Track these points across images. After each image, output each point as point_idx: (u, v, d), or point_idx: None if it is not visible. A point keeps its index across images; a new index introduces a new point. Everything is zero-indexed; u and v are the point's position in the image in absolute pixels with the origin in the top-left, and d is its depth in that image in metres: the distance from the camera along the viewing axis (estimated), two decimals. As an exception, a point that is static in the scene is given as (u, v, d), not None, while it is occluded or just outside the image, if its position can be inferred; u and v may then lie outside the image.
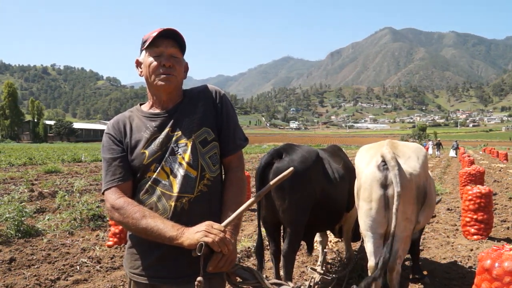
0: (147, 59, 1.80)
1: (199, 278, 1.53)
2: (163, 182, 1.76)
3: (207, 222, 1.60)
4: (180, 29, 1.81)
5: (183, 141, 1.79)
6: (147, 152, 1.78)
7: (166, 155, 1.77)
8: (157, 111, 1.86)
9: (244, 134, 1.97)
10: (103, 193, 1.80)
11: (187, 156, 1.77)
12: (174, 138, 1.79)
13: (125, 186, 1.77)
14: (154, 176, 1.77)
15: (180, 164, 1.77)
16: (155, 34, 1.75)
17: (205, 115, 1.85)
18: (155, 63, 1.77)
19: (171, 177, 1.76)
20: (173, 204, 1.73)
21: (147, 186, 1.78)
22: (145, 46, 1.79)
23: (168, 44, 1.78)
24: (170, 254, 1.73)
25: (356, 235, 5.01)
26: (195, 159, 1.78)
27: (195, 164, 1.78)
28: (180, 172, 1.76)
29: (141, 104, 1.97)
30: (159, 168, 1.77)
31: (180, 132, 1.80)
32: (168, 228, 1.61)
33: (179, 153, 1.78)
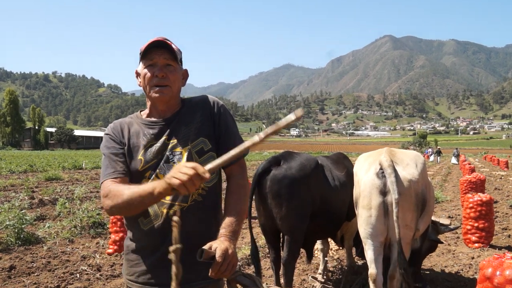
0: (143, 70, 1.83)
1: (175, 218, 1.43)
2: None
3: (178, 165, 1.54)
4: (181, 37, 1.85)
5: (178, 149, 1.81)
6: (143, 159, 1.80)
7: (161, 163, 1.79)
8: (155, 119, 1.88)
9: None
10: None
11: None
12: (169, 146, 1.82)
13: (123, 181, 1.76)
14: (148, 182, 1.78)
15: None
16: (147, 44, 1.78)
17: (203, 125, 1.87)
18: (149, 74, 1.80)
19: None
20: (165, 211, 1.75)
21: None
22: (141, 57, 1.83)
23: (161, 54, 1.79)
24: (164, 261, 1.73)
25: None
26: None
27: None
28: None
29: (141, 111, 1.98)
30: (153, 175, 1.79)
31: (176, 140, 1.82)
32: (147, 186, 1.59)
33: (173, 161, 1.79)
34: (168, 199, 1.76)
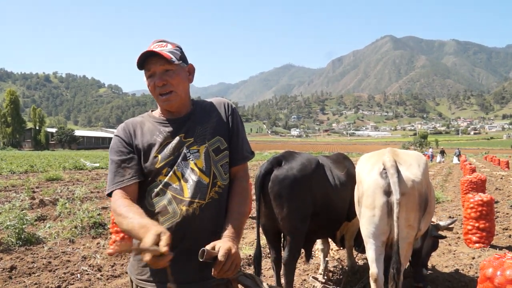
0: (146, 81, 1.85)
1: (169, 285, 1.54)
2: (174, 185, 1.79)
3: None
4: (182, 37, 1.85)
5: (195, 147, 1.84)
6: (159, 156, 1.81)
7: (178, 160, 1.81)
8: (170, 117, 1.90)
9: (250, 147, 2.03)
10: (108, 195, 1.81)
11: (200, 162, 1.81)
12: (186, 144, 1.83)
13: (131, 188, 1.79)
14: (165, 180, 1.80)
15: (192, 169, 1.80)
16: (139, 57, 1.78)
17: (219, 125, 1.91)
18: (151, 85, 1.81)
19: (182, 181, 1.79)
20: (184, 208, 1.76)
21: (158, 189, 1.81)
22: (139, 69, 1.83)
23: (156, 62, 1.78)
24: (181, 259, 1.75)
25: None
26: (208, 166, 1.82)
27: (208, 171, 1.82)
28: (192, 178, 1.79)
29: (152, 111, 2.00)
30: (170, 172, 1.80)
31: (192, 138, 1.85)
32: (141, 227, 1.56)
33: (191, 159, 1.82)
34: (187, 196, 1.77)
